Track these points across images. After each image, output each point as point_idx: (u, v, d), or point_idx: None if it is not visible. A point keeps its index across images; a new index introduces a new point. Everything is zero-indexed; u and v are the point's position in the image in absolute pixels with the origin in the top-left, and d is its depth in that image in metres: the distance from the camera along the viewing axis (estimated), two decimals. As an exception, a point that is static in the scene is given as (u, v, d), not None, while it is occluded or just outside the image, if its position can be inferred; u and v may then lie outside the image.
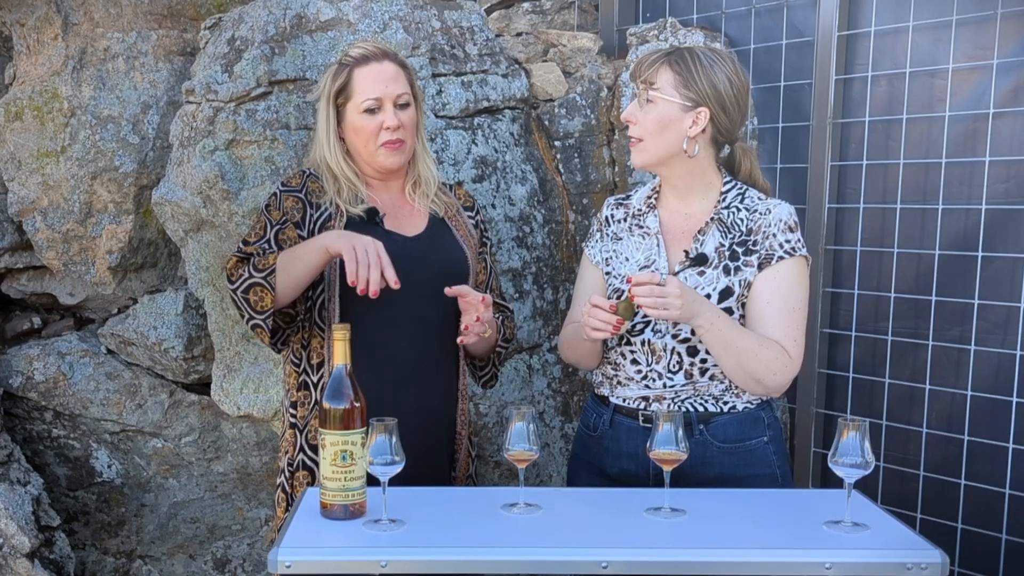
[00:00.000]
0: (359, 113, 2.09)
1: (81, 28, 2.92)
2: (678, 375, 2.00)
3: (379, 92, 2.08)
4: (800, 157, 2.92)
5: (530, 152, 2.99)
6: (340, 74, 2.11)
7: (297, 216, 2.09)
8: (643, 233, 2.07)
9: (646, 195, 2.12)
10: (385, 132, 2.09)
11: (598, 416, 2.11)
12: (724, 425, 2.00)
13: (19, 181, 2.94)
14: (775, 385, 1.96)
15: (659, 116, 1.96)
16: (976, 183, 2.58)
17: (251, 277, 2.00)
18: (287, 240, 2.06)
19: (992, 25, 2.52)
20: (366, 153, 2.12)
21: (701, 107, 1.95)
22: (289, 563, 1.54)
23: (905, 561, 1.56)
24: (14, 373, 2.97)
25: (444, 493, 1.89)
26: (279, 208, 2.10)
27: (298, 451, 2.14)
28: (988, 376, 2.59)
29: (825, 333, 2.91)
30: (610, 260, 2.10)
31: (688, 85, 1.94)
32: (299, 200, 2.10)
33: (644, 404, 2.04)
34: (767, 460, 2.03)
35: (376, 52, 2.12)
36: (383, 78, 2.10)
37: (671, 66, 1.96)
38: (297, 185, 2.12)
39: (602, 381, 2.12)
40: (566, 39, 3.24)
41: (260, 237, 2.07)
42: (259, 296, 1.99)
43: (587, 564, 1.55)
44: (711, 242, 2.00)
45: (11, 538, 2.68)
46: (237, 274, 2.03)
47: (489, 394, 2.83)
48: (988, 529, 2.62)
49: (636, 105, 2.00)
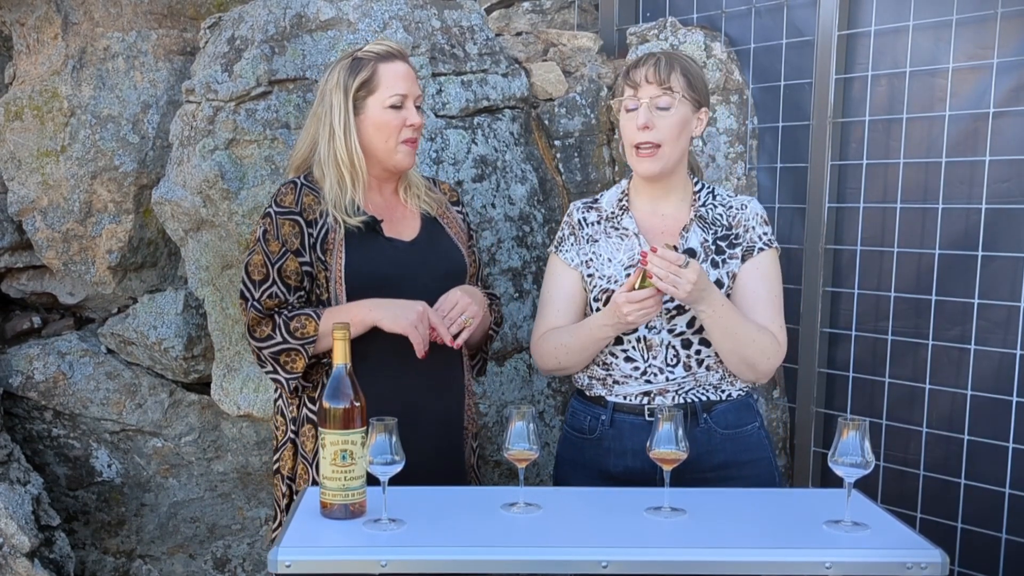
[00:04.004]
0: (383, 108, 2.08)
1: (81, 28, 2.92)
2: (677, 368, 2.04)
3: (406, 89, 2.09)
4: (800, 157, 2.92)
5: (530, 151, 2.99)
6: (363, 67, 2.08)
7: (296, 243, 2.06)
8: (621, 235, 2.10)
9: (616, 198, 2.16)
10: (407, 129, 2.10)
11: (594, 418, 2.11)
12: (724, 412, 2.06)
13: (19, 181, 2.94)
14: (767, 370, 2.03)
15: (679, 119, 2.02)
16: (976, 183, 2.58)
17: (285, 342, 2.02)
18: (290, 276, 2.05)
19: (992, 25, 2.51)
20: (385, 150, 2.11)
21: (703, 106, 2.05)
22: (289, 563, 1.54)
23: (905, 561, 1.56)
24: (14, 373, 2.97)
25: (444, 493, 1.89)
26: (277, 237, 2.06)
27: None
28: (988, 376, 2.59)
29: (825, 332, 2.91)
30: (590, 262, 2.12)
31: (694, 87, 2.02)
32: (296, 224, 2.06)
33: (647, 399, 2.05)
34: (761, 444, 2.11)
35: (399, 51, 2.13)
36: (409, 76, 2.12)
37: (680, 70, 2.01)
38: (291, 204, 2.07)
39: (591, 383, 2.12)
40: (566, 38, 3.24)
41: (264, 278, 2.05)
42: (291, 359, 2.03)
43: (587, 564, 1.55)
44: (695, 238, 2.07)
45: (11, 538, 2.68)
46: (263, 332, 2.04)
47: (489, 394, 2.83)
48: (988, 529, 2.62)
49: (647, 111, 2.01)
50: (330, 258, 2.07)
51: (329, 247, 2.07)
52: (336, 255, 2.06)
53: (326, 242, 2.07)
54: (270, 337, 2.03)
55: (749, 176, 3.03)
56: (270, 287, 2.05)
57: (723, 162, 3.02)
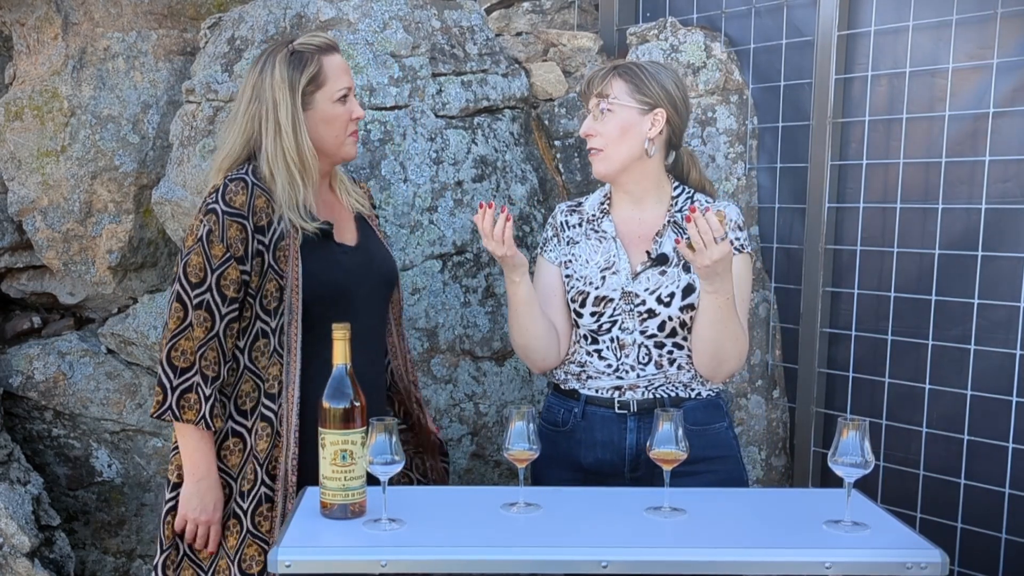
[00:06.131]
0: (332, 102, 2.05)
1: (81, 28, 2.92)
2: (649, 365, 2.09)
3: (349, 82, 2.08)
4: (800, 157, 2.92)
5: (530, 152, 2.99)
6: (308, 62, 2.02)
7: (240, 250, 1.95)
8: (599, 237, 2.15)
9: (599, 201, 2.20)
10: (352, 123, 2.09)
11: (567, 410, 2.15)
12: (693, 409, 2.09)
13: (19, 181, 2.94)
14: (731, 370, 2.07)
15: (619, 123, 2.07)
16: (976, 183, 2.58)
17: (199, 397, 1.96)
18: (228, 285, 1.95)
19: (992, 25, 2.51)
20: (335, 144, 2.07)
21: (658, 108, 2.07)
22: (289, 563, 1.54)
23: (905, 561, 1.56)
24: (14, 373, 2.97)
25: (444, 493, 1.89)
26: (222, 240, 1.95)
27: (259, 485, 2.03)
28: (988, 376, 2.59)
29: (825, 333, 2.91)
30: (570, 263, 2.16)
31: (641, 91, 2.07)
32: (243, 228, 1.96)
33: (618, 393, 2.10)
34: (729, 443, 2.15)
35: (334, 43, 2.10)
36: (347, 68, 2.11)
37: (621, 76, 2.08)
38: (241, 206, 1.96)
39: (567, 378, 2.17)
40: (566, 39, 3.24)
41: (200, 281, 1.94)
42: (188, 404, 1.96)
43: (587, 564, 1.55)
44: (668, 243, 2.10)
45: (11, 538, 2.68)
46: (178, 350, 1.94)
47: (489, 394, 2.83)
48: (988, 529, 2.62)
49: (591, 119, 2.10)
50: (285, 267, 1.99)
51: (283, 255, 2.00)
52: (292, 263, 1.99)
53: (278, 249, 1.99)
54: (180, 366, 1.95)
55: (749, 176, 3.03)
56: (204, 293, 1.95)
57: (723, 162, 3.02)
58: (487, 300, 2.82)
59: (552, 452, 2.16)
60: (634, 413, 2.08)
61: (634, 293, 2.07)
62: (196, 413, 1.96)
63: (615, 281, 2.09)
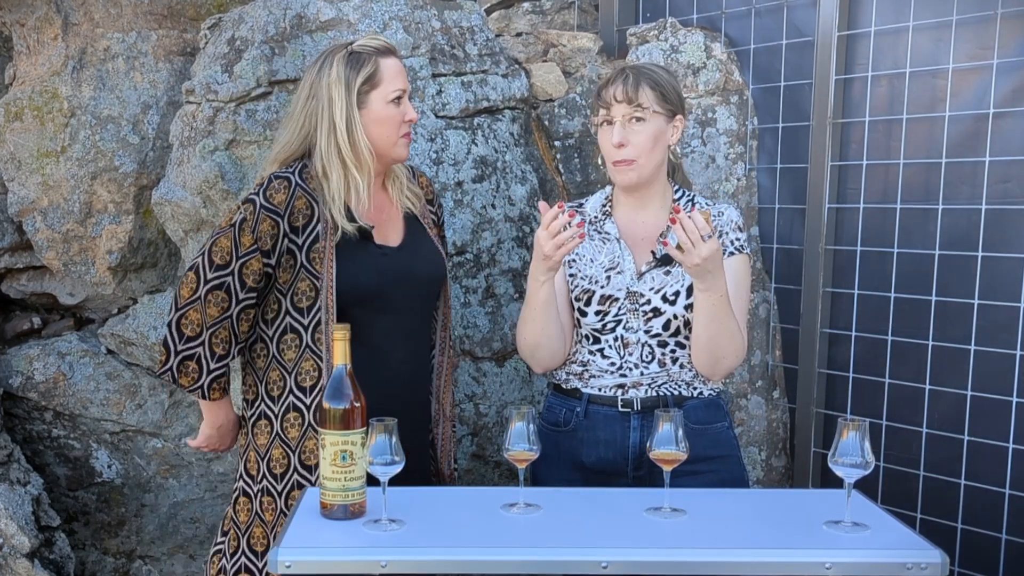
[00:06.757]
0: (386, 103, 2.08)
1: (81, 28, 2.92)
2: (652, 364, 2.10)
3: (404, 84, 2.11)
4: (800, 157, 2.92)
5: (530, 152, 2.99)
6: (365, 62, 2.06)
7: (268, 244, 2.01)
8: (603, 238, 2.16)
9: (600, 203, 2.21)
10: (405, 125, 2.12)
11: (569, 410, 2.15)
12: (694, 408, 2.10)
13: (19, 181, 2.94)
14: (728, 368, 2.07)
15: (652, 132, 2.07)
16: (976, 183, 2.58)
17: (199, 367, 2.06)
18: (249, 274, 2.01)
19: (992, 25, 2.51)
20: (387, 144, 2.11)
21: (678, 115, 2.10)
22: (289, 563, 1.54)
23: (905, 561, 1.56)
24: (14, 373, 2.97)
25: (444, 493, 1.89)
26: (252, 231, 2.01)
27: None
28: (988, 376, 2.59)
29: (825, 333, 2.91)
30: (573, 262, 2.17)
31: (666, 98, 2.08)
32: (276, 225, 2.01)
33: (621, 391, 2.10)
34: (730, 443, 2.16)
35: (392, 47, 2.14)
36: (404, 72, 2.14)
37: (646, 83, 2.07)
38: (280, 205, 2.02)
39: (568, 378, 2.17)
40: (566, 39, 3.24)
41: (224, 264, 2.00)
42: (186, 371, 2.07)
43: (587, 564, 1.55)
44: (673, 243, 2.07)
45: (11, 538, 2.68)
46: (188, 319, 2.03)
47: (489, 394, 2.83)
48: (988, 529, 2.62)
49: (620, 130, 2.07)
50: (320, 267, 2.04)
51: (318, 256, 2.04)
52: (327, 264, 2.03)
53: (314, 250, 2.04)
54: (190, 334, 2.04)
55: (749, 176, 3.03)
56: (227, 276, 2.00)
57: (723, 162, 3.02)
58: (487, 300, 2.82)
59: (554, 452, 2.16)
60: (637, 411, 2.09)
61: (639, 293, 2.08)
62: (192, 381, 2.07)
63: (620, 281, 2.09)
